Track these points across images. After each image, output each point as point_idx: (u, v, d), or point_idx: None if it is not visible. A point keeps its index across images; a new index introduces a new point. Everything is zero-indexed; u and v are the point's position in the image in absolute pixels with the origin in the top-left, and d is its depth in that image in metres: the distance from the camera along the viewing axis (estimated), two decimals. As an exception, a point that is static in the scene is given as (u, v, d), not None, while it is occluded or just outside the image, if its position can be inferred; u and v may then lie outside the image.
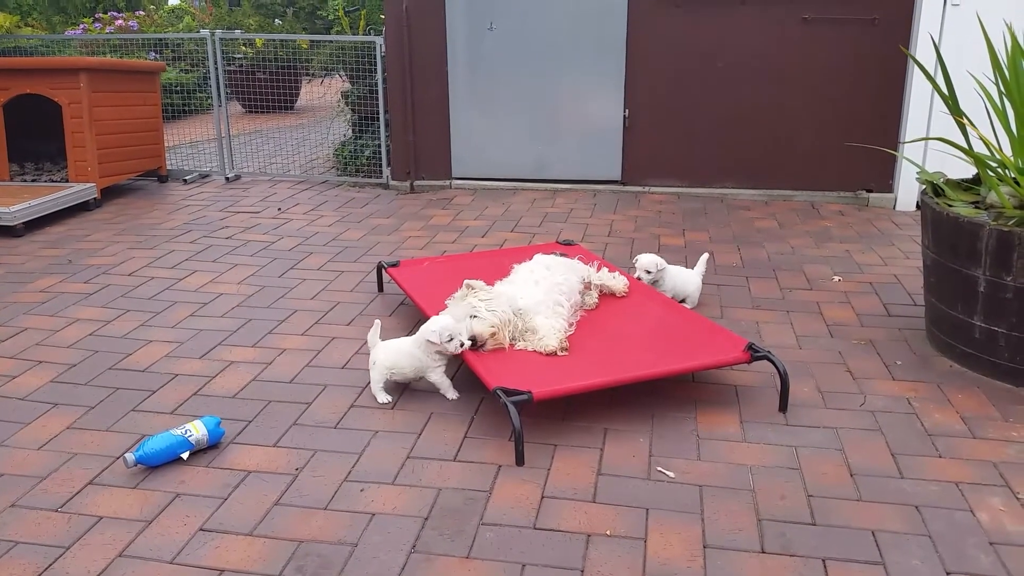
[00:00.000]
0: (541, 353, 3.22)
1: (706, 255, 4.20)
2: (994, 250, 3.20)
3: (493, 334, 3.23)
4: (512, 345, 3.27)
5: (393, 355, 3.20)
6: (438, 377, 3.18)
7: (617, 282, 3.86)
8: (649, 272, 3.99)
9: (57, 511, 2.53)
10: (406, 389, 3.28)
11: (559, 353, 3.21)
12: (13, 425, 3.04)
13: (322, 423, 3.05)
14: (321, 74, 8.77)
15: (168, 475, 2.71)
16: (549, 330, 3.29)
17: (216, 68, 7.04)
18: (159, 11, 12.38)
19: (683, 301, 4.05)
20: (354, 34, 8.39)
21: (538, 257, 3.84)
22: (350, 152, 7.19)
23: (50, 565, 2.29)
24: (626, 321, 3.58)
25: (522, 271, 3.72)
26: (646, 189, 6.58)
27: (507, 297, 3.39)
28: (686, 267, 4.20)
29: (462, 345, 3.06)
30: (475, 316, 3.26)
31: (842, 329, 3.87)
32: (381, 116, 6.72)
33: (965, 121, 3.53)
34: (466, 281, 3.41)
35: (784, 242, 5.25)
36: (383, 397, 3.19)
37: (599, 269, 3.93)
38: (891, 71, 5.96)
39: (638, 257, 4.07)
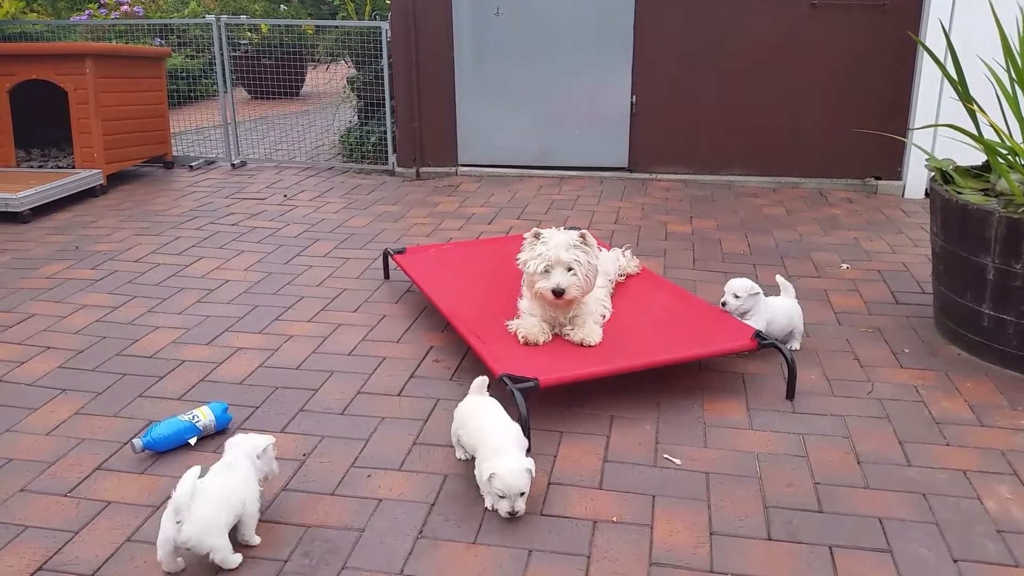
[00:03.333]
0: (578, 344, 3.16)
1: (791, 287, 3.62)
2: (1003, 237, 3.18)
3: (571, 301, 3.10)
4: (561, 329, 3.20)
5: (460, 420, 2.69)
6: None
7: (631, 264, 3.91)
8: (738, 297, 3.41)
9: (65, 496, 2.54)
10: (412, 376, 3.29)
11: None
12: (21, 411, 3.05)
13: (329, 409, 3.05)
14: (327, 60, 8.73)
15: (175, 461, 2.72)
16: (593, 328, 3.20)
17: (222, 54, 7.02)
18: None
19: (790, 338, 3.50)
20: (360, 19, 8.36)
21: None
22: (356, 139, 7.17)
23: (59, 549, 2.31)
24: (633, 308, 3.57)
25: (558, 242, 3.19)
26: (653, 176, 6.56)
27: (602, 270, 3.23)
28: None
29: (511, 515, 2.39)
30: (573, 271, 3.05)
31: (850, 317, 3.86)
32: (387, 102, 6.70)
33: (975, 107, 3.51)
34: (535, 230, 3.16)
35: (792, 229, 5.23)
36: (459, 453, 2.72)
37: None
38: (900, 57, 5.92)
39: (731, 281, 3.52)
